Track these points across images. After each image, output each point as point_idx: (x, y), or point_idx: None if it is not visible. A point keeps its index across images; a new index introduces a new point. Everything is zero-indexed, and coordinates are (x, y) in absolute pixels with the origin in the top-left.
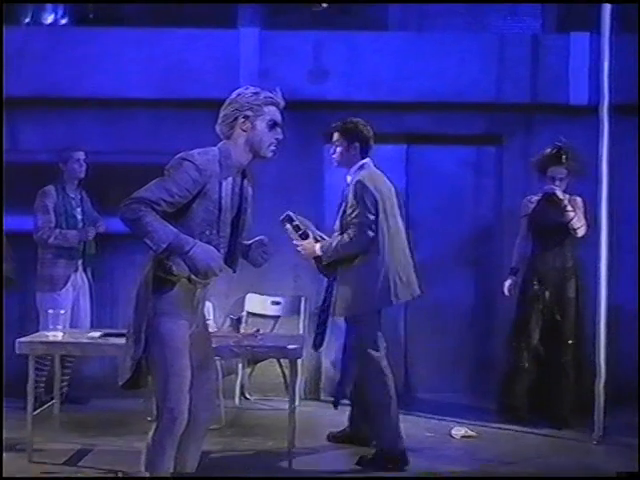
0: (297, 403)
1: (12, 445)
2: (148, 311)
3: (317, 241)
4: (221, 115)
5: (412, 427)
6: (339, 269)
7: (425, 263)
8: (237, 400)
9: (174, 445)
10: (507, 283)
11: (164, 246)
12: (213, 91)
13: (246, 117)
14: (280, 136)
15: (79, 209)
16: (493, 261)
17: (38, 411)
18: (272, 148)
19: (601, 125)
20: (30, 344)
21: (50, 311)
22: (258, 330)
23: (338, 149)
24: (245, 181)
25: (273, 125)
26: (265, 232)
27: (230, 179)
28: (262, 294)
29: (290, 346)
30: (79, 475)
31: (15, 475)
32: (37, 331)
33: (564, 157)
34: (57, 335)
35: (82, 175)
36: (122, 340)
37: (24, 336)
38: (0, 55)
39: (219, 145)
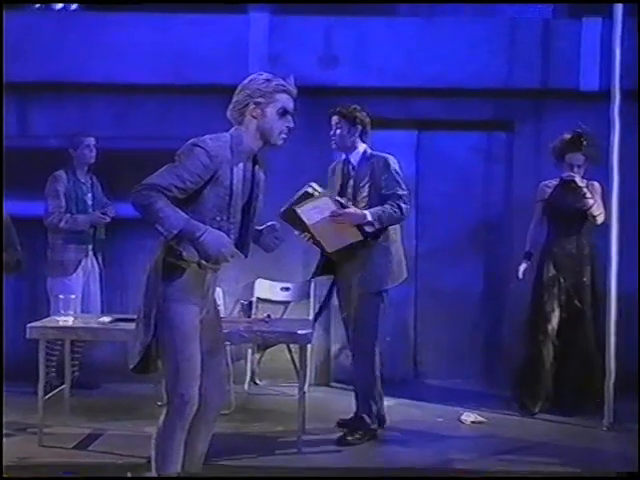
0: (306, 388)
1: (23, 429)
2: (158, 296)
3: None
4: (233, 101)
5: (422, 413)
6: (367, 246)
7: (435, 249)
8: (247, 385)
9: (184, 430)
10: (522, 267)
11: (175, 232)
12: (222, 76)
13: (257, 104)
14: (291, 124)
15: (89, 194)
16: (503, 247)
17: (49, 395)
18: (282, 136)
19: (612, 111)
20: (41, 329)
21: (61, 296)
22: (269, 316)
23: (339, 131)
24: (256, 167)
25: (284, 113)
26: (275, 217)
27: (241, 165)
28: (272, 280)
29: (300, 331)
30: (88, 461)
31: (26, 458)
32: (48, 316)
33: (583, 143)
34: (68, 320)
35: (92, 160)
36: (132, 325)
37: (35, 321)
38: (0, 52)
39: (231, 131)
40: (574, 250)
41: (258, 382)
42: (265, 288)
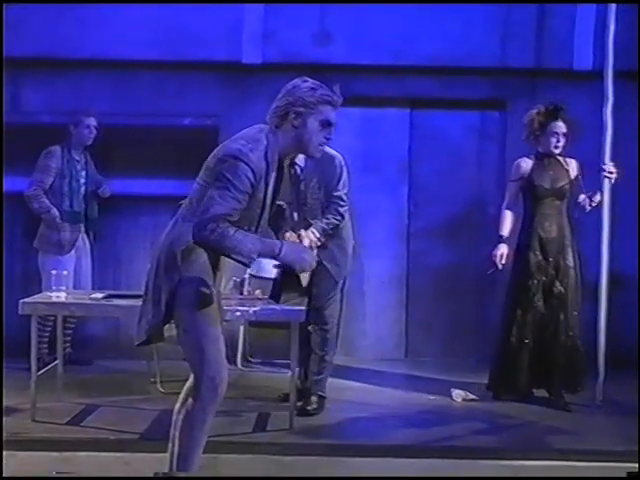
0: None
1: (16, 405)
2: (174, 278)
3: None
4: (274, 105)
5: (413, 391)
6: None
7: (428, 227)
8: (239, 362)
9: (213, 414)
10: (500, 252)
11: (255, 256)
12: (217, 53)
13: (298, 113)
14: (331, 136)
15: (83, 172)
16: (496, 226)
17: (42, 371)
18: (320, 148)
19: (605, 91)
20: (33, 305)
21: (53, 272)
22: (264, 293)
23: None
24: (284, 171)
25: (326, 125)
26: None
27: (273, 174)
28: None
29: (292, 308)
30: (81, 436)
31: (19, 433)
32: (39, 292)
33: (561, 111)
34: (60, 296)
35: (90, 141)
36: (125, 301)
37: (28, 297)
38: (0, 52)
39: (267, 134)
40: (556, 232)
41: (250, 359)
42: (258, 265)
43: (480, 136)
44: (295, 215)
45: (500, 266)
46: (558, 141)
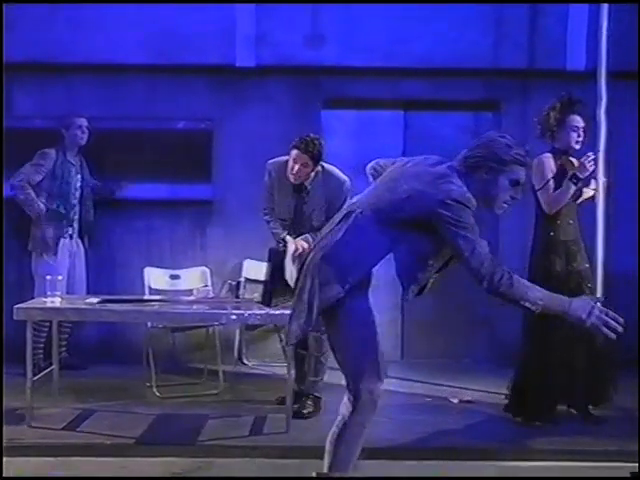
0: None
1: (12, 410)
2: (334, 289)
3: None
4: (466, 151)
5: (409, 393)
6: None
7: None
8: (235, 365)
9: (368, 426)
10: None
11: (541, 304)
12: (210, 57)
13: (491, 168)
14: (518, 196)
15: (78, 176)
16: (490, 225)
17: (37, 377)
18: (505, 206)
19: (599, 91)
20: (28, 310)
21: (48, 277)
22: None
23: (298, 167)
24: None
25: (515, 184)
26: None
27: None
28: (260, 260)
29: (287, 312)
30: (77, 441)
31: (15, 439)
32: (33, 297)
33: (578, 105)
34: (55, 301)
35: (83, 142)
36: (120, 306)
37: (22, 302)
38: (0, 51)
39: (457, 175)
40: (574, 234)
41: (246, 362)
42: (253, 269)
43: (474, 137)
44: (289, 235)
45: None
46: (579, 136)
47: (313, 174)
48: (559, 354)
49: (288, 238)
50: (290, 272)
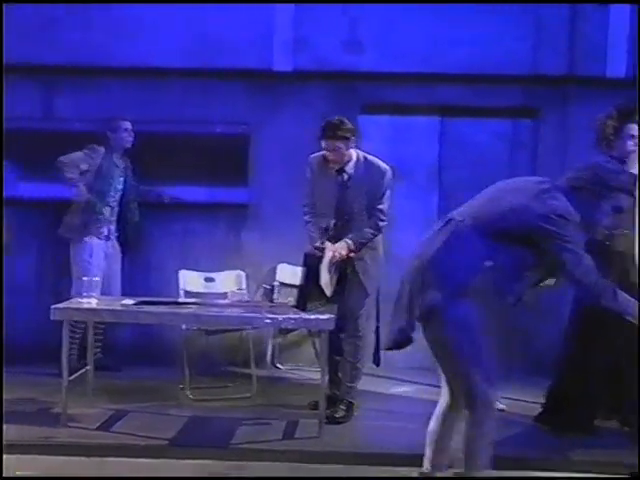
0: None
1: (47, 410)
2: (438, 296)
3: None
4: (571, 172)
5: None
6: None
7: None
8: (268, 369)
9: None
10: None
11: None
12: (247, 61)
13: (594, 192)
14: (621, 224)
15: (121, 178)
16: None
17: (72, 377)
18: (606, 233)
19: (639, 98)
20: (65, 310)
21: (84, 278)
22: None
23: (334, 153)
24: None
25: (617, 211)
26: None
27: None
28: (294, 265)
29: (321, 317)
30: (110, 442)
31: (50, 438)
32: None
33: (636, 114)
34: (91, 302)
35: (129, 145)
36: (155, 308)
37: (59, 302)
38: (0, 51)
39: (561, 192)
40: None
41: (280, 366)
42: (287, 273)
43: (512, 144)
44: (332, 222)
45: None
46: (635, 144)
47: (354, 159)
48: (603, 361)
49: (328, 244)
50: (325, 279)
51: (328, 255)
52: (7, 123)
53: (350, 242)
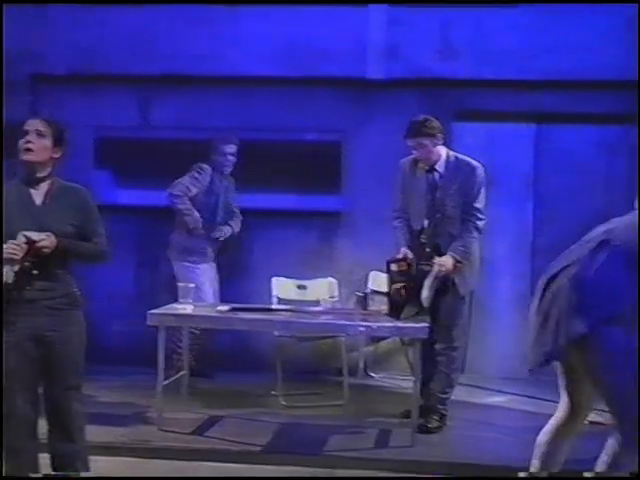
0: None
1: (142, 413)
2: (590, 319)
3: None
4: None
5: (536, 410)
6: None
7: (553, 245)
8: (360, 377)
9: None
10: None
11: None
12: (340, 69)
13: None
14: None
15: (222, 197)
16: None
17: (167, 382)
18: None
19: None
20: (160, 316)
21: (180, 284)
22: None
23: (423, 151)
24: None
25: None
26: None
27: None
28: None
29: (415, 325)
30: (204, 446)
31: (147, 441)
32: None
33: None
34: (187, 308)
35: (227, 170)
36: (250, 315)
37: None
38: (1, 51)
39: None
40: None
41: (372, 374)
42: (379, 280)
43: (610, 151)
44: (426, 222)
45: None
46: None
47: (444, 157)
48: None
49: (437, 259)
50: (426, 294)
51: (435, 270)
52: (106, 132)
53: (456, 255)
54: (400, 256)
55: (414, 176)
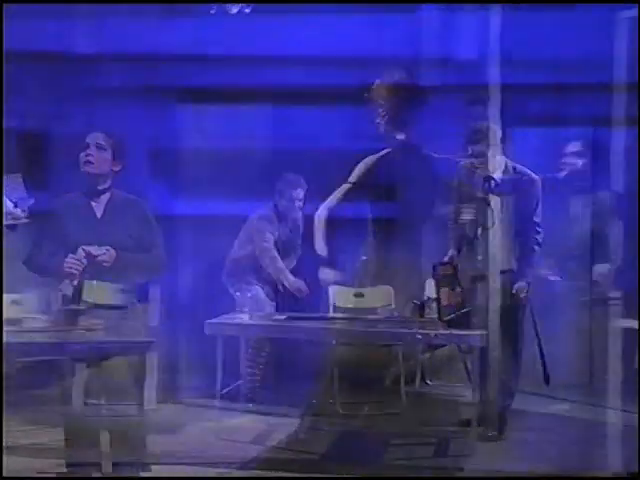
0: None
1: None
2: None
3: None
4: None
5: (594, 417)
6: None
7: None
8: (418, 385)
9: None
10: None
11: None
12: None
13: None
14: None
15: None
16: None
17: (225, 391)
18: None
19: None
20: (217, 325)
21: (237, 294)
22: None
23: (482, 160)
24: None
25: None
26: None
27: None
28: None
29: (473, 333)
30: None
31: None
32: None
33: None
34: (243, 317)
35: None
36: (306, 323)
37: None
38: (1, 53)
39: None
40: None
41: (428, 382)
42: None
43: None
44: (479, 230)
45: None
46: None
47: (502, 167)
48: None
49: (516, 285)
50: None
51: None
52: (160, 142)
53: (526, 284)
54: (446, 259)
55: (470, 183)
